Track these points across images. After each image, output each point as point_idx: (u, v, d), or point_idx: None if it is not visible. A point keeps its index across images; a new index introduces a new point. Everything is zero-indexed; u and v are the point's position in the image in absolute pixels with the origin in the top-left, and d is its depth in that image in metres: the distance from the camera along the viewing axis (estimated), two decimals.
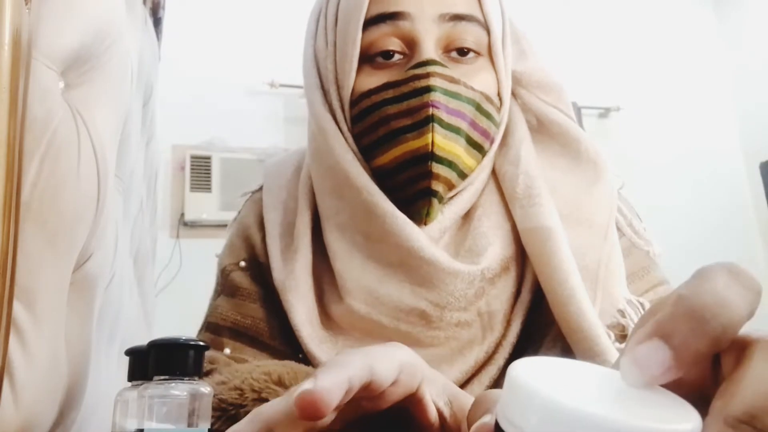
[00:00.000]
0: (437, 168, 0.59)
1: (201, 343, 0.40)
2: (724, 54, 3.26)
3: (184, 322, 0.82)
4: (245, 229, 0.73)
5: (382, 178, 0.63)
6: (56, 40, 0.64)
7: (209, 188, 2.48)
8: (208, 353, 0.60)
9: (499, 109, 0.65)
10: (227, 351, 0.65)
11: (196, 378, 0.40)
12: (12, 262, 0.56)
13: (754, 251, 2.99)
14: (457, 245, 0.64)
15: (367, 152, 0.63)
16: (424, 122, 0.58)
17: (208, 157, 2.50)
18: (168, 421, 0.39)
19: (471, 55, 0.62)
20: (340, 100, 0.64)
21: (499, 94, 0.65)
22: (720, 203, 2.95)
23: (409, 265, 0.61)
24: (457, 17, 0.60)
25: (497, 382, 0.61)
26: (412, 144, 0.59)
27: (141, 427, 0.39)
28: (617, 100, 2.98)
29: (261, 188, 0.77)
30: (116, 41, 0.75)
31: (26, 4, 0.59)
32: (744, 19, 3.19)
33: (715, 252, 2.91)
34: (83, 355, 0.70)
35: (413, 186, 0.61)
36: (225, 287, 0.71)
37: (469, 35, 0.61)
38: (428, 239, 0.61)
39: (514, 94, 0.69)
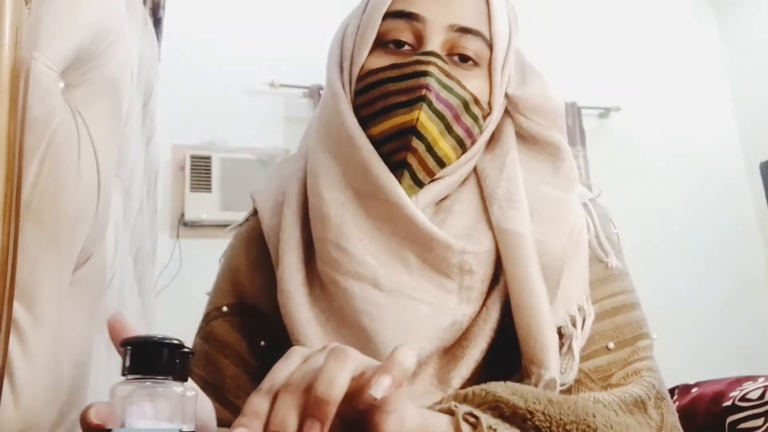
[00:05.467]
0: (416, 143, 0.65)
1: (175, 341, 0.40)
2: (723, 54, 3.26)
3: (184, 322, 0.82)
4: (234, 271, 0.76)
5: None
6: (56, 40, 0.64)
7: (209, 188, 2.48)
8: None
9: (486, 116, 0.71)
10: None
11: (170, 377, 0.40)
12: (12, 262, 0.56)
13: (754, 251, 2.99)
14: None
15: (362, 123, 0.69)
16: (416, 100, 0.65)
17: (208, 157, 2.50)
18: (144, 419, 0.39)
19: (470, 63, 0.69)
20: (350, 74, 0.71)
21: (489, 103, 0.71)
22: (720, 203, 2.95)
23: (395, 221, 0.66)
24: (464, 29, 0.68)
25: (482, 367, 0.65)
26: (402, 118, 0.66)
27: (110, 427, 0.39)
28: (617, 100, 2.98)
29: (247, 220, 0.80)
30: (116, 41, 0.75)
31: (26, 4, 0.59)
32: (743, 19, 3.19)
33: (714, 252, 2.91)
34: (83, 355, 0.70)
35: (393, 157, 0.67)
36: (204, 331, 0.74)
37: (472, 46, 0.68)
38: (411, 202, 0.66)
39: (511, 117, 0.74)
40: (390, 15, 0.68)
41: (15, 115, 0.56)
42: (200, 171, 2.49)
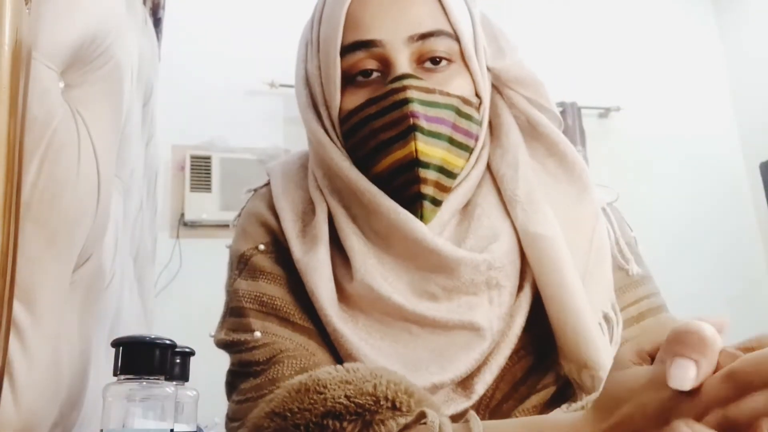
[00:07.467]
0: (424, 173, 0.63)
1: (167, 342, 0.40)
2: (723, 54, 3.26)
3: (184, 322, 0.81)
4: (259, 215, 0.73)
5: (380, 185, 0.67)
6: (56, 41, 0.64)
7: (209, 188, 2.47)
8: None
9: (478, 108, 0.69)
10: (258, 335, 0.65)
11: (162, 377, 0.40)
12: (12, 262, 0.56)
13: (754, 251, 2.99)
14: (459, 241, 0.67)
15: (362, 163, 0.68)
16: (407, 132, 0.63)
17: (208, 157, 2.50)
18: (135, 419, 0.39)
19: (444, 63, 0.67)
20: (330, 119, 0.69)
21: (477, 94, 0.69)
22: (720, 203, 2.95)
23: (417, 256, 0.65)
24: (424, 35, 0.65)
25: (505, 370, 0.65)
26: (399, 153, 0.64)
27: (101, 427, 0.39)
28: (617, 100, 2.98)
29: (264, 185, 0.78)
30: (116, 41, 0.75)
31: (26, 4, 0.59)
32: (743, 19, 3.18)
33: (715, 252, 2.91)
34: (83, 355, 0.70)
35: (406, 191, 0.65)
36: (245, 271, 0.70)
37: (438, 47, 0.66)
38: (430, 231, 0.65)
39: (499, 92, 0.73)
40: (346, 49, 0.66)
41: (15, 115, 0.56)
42: (200, 171, 2.48)
